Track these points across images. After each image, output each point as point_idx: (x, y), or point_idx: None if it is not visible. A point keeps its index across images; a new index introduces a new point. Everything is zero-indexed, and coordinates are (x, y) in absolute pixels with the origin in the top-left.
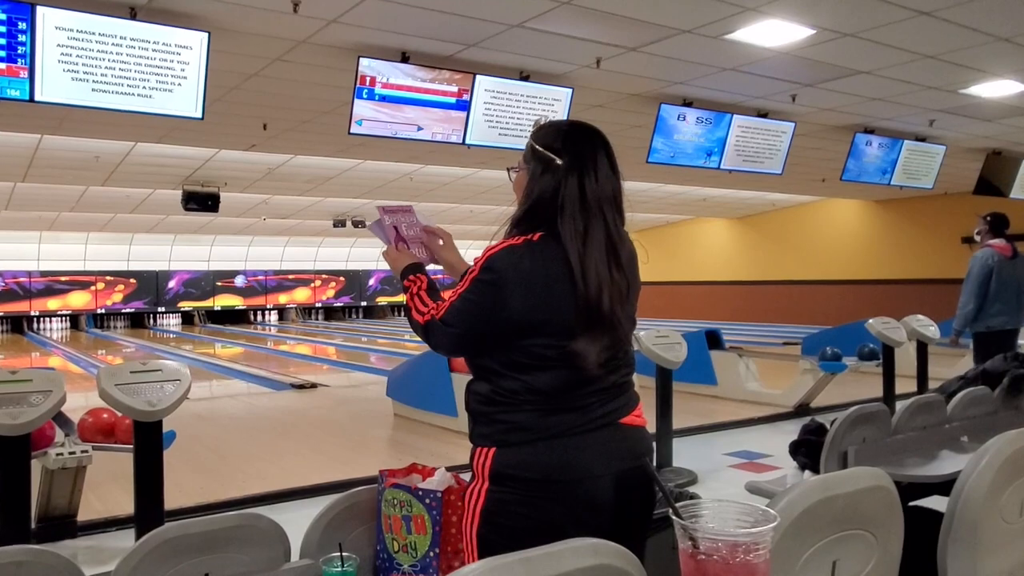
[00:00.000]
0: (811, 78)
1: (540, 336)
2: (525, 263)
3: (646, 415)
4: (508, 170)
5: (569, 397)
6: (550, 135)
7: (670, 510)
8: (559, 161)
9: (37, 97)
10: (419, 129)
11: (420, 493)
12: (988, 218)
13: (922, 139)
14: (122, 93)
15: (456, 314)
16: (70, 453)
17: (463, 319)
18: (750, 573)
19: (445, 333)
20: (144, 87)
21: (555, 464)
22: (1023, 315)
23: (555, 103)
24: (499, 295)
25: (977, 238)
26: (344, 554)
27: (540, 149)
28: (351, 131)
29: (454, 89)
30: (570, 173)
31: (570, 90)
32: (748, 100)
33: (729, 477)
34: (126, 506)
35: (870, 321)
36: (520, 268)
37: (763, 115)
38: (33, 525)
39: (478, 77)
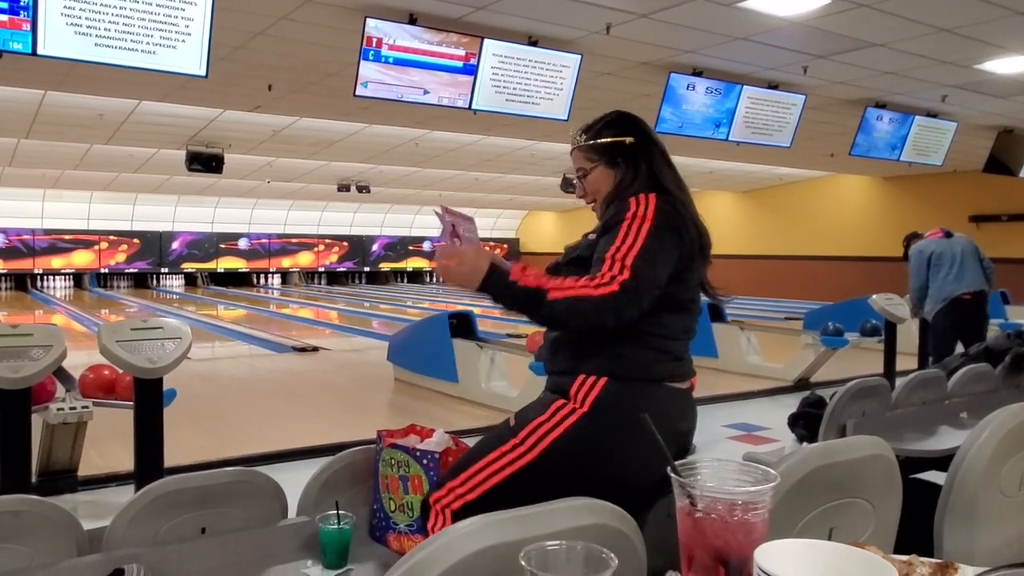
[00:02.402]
0: (824, 49)
1: (684, 275)
2: (678, 210)
3: None
4: (577, 179)
5: (683, 345)
6: (604, 127)
7: (668, 468)
8: (629, 140)
9: (40, 51)
10: (425, 93)
11: (418, 454)
12: (905, 241)
13: (934, 115)
14: (125, 48)
15: (651, 266)
16: (71, 408)
17: (659, 267)
18: (748, 532)
19: (645, 289)
20: (148, 43)
21: (661, 411)
22: (969, 277)
23: (563, 69)
24: (678, 237)
25: (915, 246)
26: (340, 512)
27: (607, 140)
28: (356, 93)
29: (461, 53)
30: (644, 144)
31: (579, 56)
32: (759, 71)
33: (727, 448)
34: (126, 462)
35: (873, 297)
36: (676, 213)
37: (773, 87)
38: (34, 479)
39: (486, 41)
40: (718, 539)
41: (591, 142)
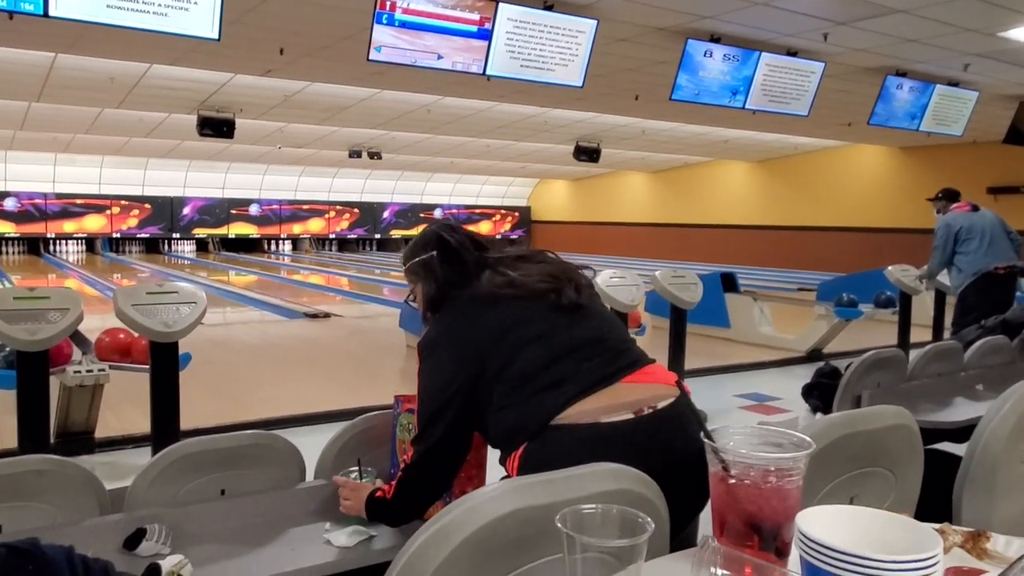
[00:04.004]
0: (845, 15)
1: (498, 342)
2: (453, 317)
3: (659, 357)
4: (407, 302)
5: (558, 369)
6: (411, 250)
7: (702, 433)
8: (432, 254)
9: (51, 12)
10: (439, 58)
11: None
12: (940, 194)
13: (955, 84)
14: (137, 11)
15: (431, 406)
16: (87, 371)
17: (443, 401)
18: (782, 499)
19: (437, 448)
20: (160, 5)
21: (572, 458)
22: (1001, 250)
23: (579, 35)
24: (456, 353)
25: (938, 215)
26: (363, 468)
27: (416, 261)
28: (369, 57)
29: (476, 17)
30: (442, 253)
31: (595, 22)
32: (778, 37)
33: (739, 418)
34: (143, 425)
35: (889, 268)
36: (453, 321)
37: (792, 54)
38: (52, 440)
39: (501, 5)
40: (752, 504)
41: (405, 267)
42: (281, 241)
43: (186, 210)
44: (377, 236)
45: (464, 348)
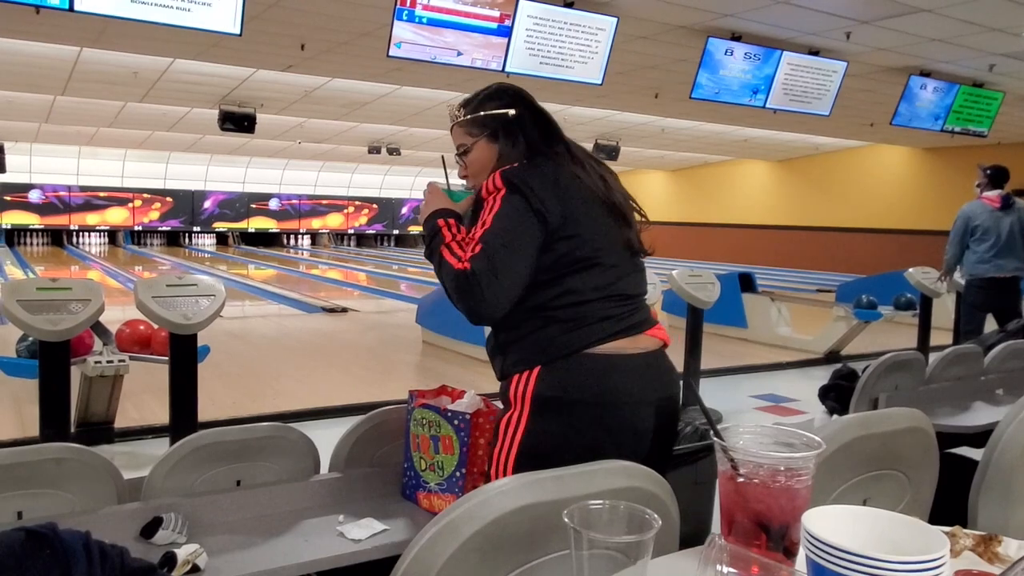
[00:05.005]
0: (868, 14)
1: (574, 238)
2: (560, 175)
3: (675, 358)
4: (458, 156)
5: (602, 305)
6: (485, 100)
7: (711, 431)
8: (512, 112)
9: (77, 7)
10: (459, 54)
11: (449, 414)
12: (988, 171)
13: (980, 85)
14: (161, 5)
15: (508, 250)
16: (108, 361)
17: (516, 248)
18: (791, 499)
19: (503, 274)
20: (183, 0)
21: (601, 383)
22: (1010, 259)
23: (599, 32)
24: (552, 205)
25: (977, 190)
26: (449, 176)
27: (495, 113)
28: (390, 54)
29: (496, 14)
30: (527, 116)
31: (615, 19)
32: (800, 36)
33: (754, 419)
34: (161, 416)
35: (910, 270)
36: (560, 177)
37: (814, 53)
38: (72, 429)
39: (521, 2)
40: (760, 504)
41: (471, 115)
42: (300, 236)
43: (207, 204)
44: (395, 232)
45: (560, 208)
